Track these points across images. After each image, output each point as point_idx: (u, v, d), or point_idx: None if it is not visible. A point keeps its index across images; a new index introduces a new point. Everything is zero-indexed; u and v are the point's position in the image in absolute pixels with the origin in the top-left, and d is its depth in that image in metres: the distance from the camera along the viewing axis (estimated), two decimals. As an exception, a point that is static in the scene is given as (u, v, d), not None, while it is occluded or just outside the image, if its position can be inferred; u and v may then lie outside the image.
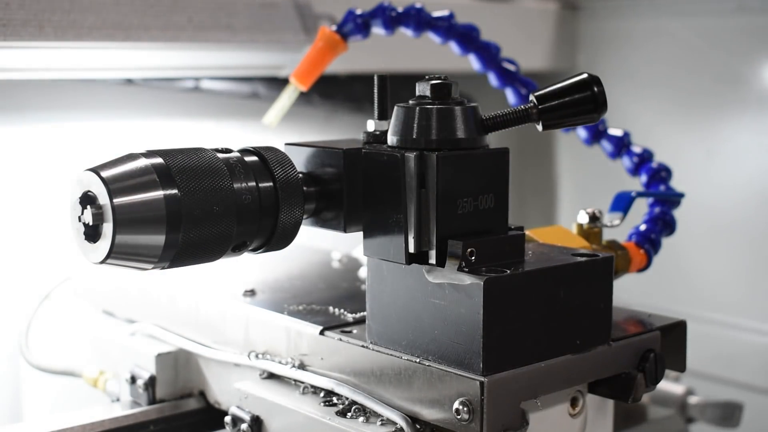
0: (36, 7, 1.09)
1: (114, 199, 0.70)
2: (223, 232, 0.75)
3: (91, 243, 0.71)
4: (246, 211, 0.76)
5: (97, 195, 0.71)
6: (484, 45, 1.04)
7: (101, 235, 0.71)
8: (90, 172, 0.71)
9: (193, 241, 0.73)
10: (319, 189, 0.83)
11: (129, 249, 0.71)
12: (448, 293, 0.73)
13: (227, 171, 0.75)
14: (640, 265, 0.94)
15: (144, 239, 0.71)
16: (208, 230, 0.73)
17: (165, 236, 0.71)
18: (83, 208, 0.71)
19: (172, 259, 0.73)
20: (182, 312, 1.00)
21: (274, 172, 0.78)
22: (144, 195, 0.71)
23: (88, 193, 0.71)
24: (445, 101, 0.76)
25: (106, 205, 0.70)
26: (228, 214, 0.74)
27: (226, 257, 0.78)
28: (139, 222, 0.70)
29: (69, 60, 1.21)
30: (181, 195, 0.71)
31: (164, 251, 0.72)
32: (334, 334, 0.83)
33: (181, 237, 0.72)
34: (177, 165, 0.73)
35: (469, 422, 0.71)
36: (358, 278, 1.06)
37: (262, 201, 0.77)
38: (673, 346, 0.87)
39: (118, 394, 1.05)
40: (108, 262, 0.71)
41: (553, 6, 1.80)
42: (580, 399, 0.81)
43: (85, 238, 0.72)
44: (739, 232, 1.61)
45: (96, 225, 0.70)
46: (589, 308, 0.78)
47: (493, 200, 0.77)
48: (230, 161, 0.76)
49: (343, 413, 0.80)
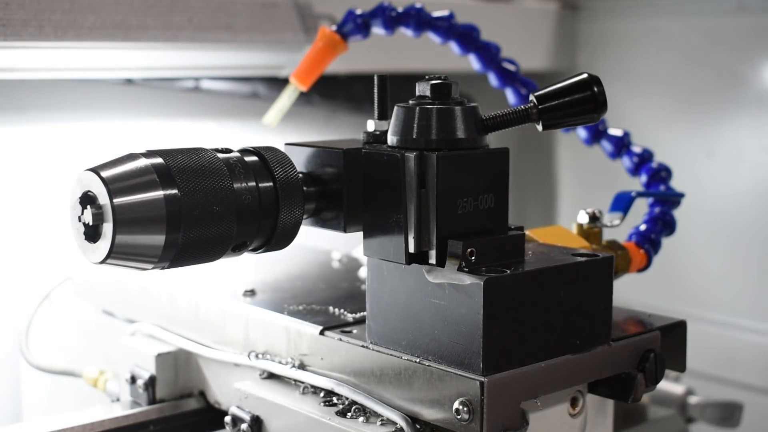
0: (36, 7, 1.09)
1: (114, 199, 0.70)
2: (223, 232, 0.75)
3: (91, 243, 0.71)
4: (246, 211, 0.76)
5: (97, 195, 0.71)
6: (484, 45, 1.04)
7: (101, 235, 0.71)
8: (90, 172, 0.71)
9: (193, 241, 0.73)
10: (319, 189, 0.83)
11: (129, 249, 0.71)
12: (448, 293, 0.73)
13: (227, 171, 0.75)
14: (640, 265, 0.94)
15: (144, 239, 0.71)
16: (208, 230, 0.73)
17: (165, 236, 0.71)
18: (83, 208, 0.71)
19: (172, 259, 0.73)
20: (182, 312, 1.00)
21: (274, 172, 0.78)
22: (144, 195, 0.71)
23: (88, 193, 0.71)
24: (445, 101, 0.76)
25: (106, 205, 0.70)
26: (228, 214, 0.74)
27: (226, 257, 0.78)
28: (139, 222, 0.70)
29: (69, 60, 1.21)
30: (181, 195, 0.71)
31: (164, 251, 0.72)
32: (334, 334, 0.83)
33: (181, 237, 0.72)
34: (177, 165, 0.73)
35: (469, 422, 0.71)
36: (358, 278, 1.06)
37: (262, 201, 0.77)
38: (673, 346, 0.87)
39: (118, 394, 1.05)
40: (108, 262, 0.71)
41: (553, 6, 1.80)
42: (580, 399, 0.81)
43: (85, 238, 0.72)
44: (739, 232, 1.61)
45: (96, 225, 0.71)
46: (589, 308, 0.78)
47: (493, 200, 0.77)
48: (230, 161, 0.76)
49: (343, 413, 0.80)
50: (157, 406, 0.97)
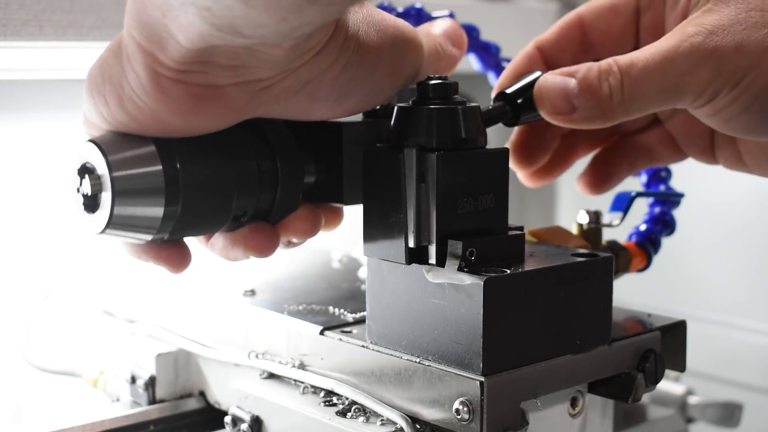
0: (36, 7, 1.09)
1: (112, 168, 0.69)
2: (222, 203, 0.74)
3: (90, 213, 0.71)
4: (246, 183, 0.75)
5: (95, 165, 0.70)
6: (484, 45, 1.04)
7: (100, 204, 0.71)
8: (88, 142, 0.71)
9: (191, 212, 0.73)
10: (318, 161, 0.82)
11: (128, 219, 0.71)
12: (448, 293, 0.73)
13: (226, 143, 0.74)
14: (640, 265, 0.94)
15: (142, 209, 0.71)
16: (206, 202, 0.73)
17: (163, 207, 0.71)
18: (81, 178, 0.71)
19: (172, 230, 0.73)
20: (182, 312, 1.00)
21: (273, 144, 0.77)
22: (142, 164, 0.70)
23: (86, 163, 0.71)
24: (445, 101, 0.76)
25: (105, 175, 0.70)
26: (227, 186, 0.74)
27: (226, 228, 0.77)
28: (137, 191, 0.70)
29: (69, 60, 1.21)
30: (180, 165, 0.71)
31: (163, 222, 0.72)
32: (334, 334, 0.83)
33: (180, 208, 0.72)
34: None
35: (469, 422, 0.71)
36: (358, 278, 1.06)
37: (262, 172, 0.76)
38: (673, 346, 0.87)
39: (118, 394, 1.05)
40: (107, 231, 0.71)
41: (553, 6, 1.80)
42: (580, 399, 0.81)
43: (84, 209, 0.71)
44: (740, 232, 1.61)
45: (95, 195, 0.70)
46: (589, 308, 0.78)
47: (493, 200, 0.77)
48: (229, 133, 0.75)
49: (343, 413, 0.80)
50: (157, 406, 0.97)
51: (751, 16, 0.76)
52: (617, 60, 0.77)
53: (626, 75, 0.76)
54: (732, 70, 0.75)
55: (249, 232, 0.77)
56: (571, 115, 0.78)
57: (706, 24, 0.76)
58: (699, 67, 0.75)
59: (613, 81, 0.76)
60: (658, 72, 0.75)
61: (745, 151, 0.90)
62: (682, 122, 0.93)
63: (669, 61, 0.75)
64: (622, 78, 0.75)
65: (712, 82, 0.75)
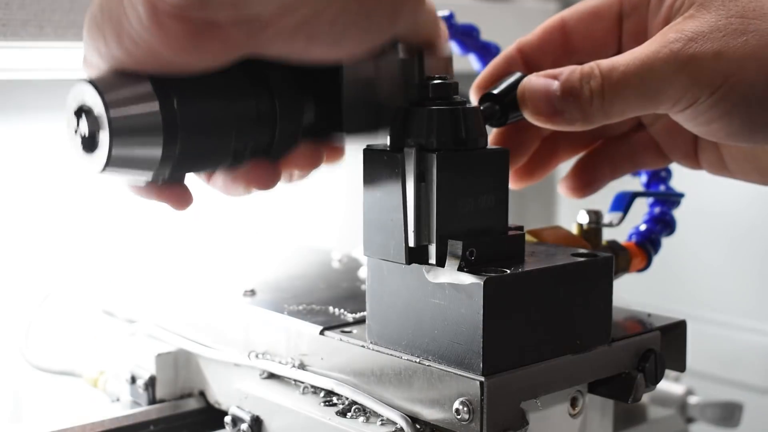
0: (36, 7, 1.09)
1: (109, 107, 0.69)
2: (221, 142, 0.74)
3: (89, 153, 0.71)
4: (244, 121, 0.75)
5: (92, 105, 0.70)
6: (484, 45, 1.04)
7: (98, 144, 0.70)
8: (85, 82, 0.70)
9: (190, 150, 0.72)
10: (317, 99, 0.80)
11: (127, 157, 0.70)
12: (448, 293, 0.73)
13: (225, 82, 0.74)
14: (640, 265, 0.94)
15: (141, 147, 0.70)
16: (205, 140, 0.73)
17: (162, 146, 0.70)
18: (78, 119, 0.71)
19: (172, 169, 0.72)
20: (182, 312, 1.00)
21: (272, 83, 0.77)
22: (139, 102, 0.70)
23: (83, 104, 0.71)
24: (445, 101, 0.76)
25: (102, 115, 0.69)
26: (226, 124, 0.74)
27: (227, 166, 0.77)
28: (135, 129, 0.70)
29: (69, 60, 1.21)
30: (178, 104, 0.71)
31: (162, 161, 0.71)
32: (334, 334, 0.83)
33: (179, 146, 0.71)
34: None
35: (469, 422, 0.71)
36: (358, 278, 1.06)
37: (260, 111, 0.76)
38: (673, 346, 0.87)
39: (118, 394, 1.05)
40: (107, 170, 0.70)
41: (553, 6, 1.80)
42: (580, 399, 0.81)
43: (83, 149, 0.71)
44: (740, 232, 1.61)
45: (93, 134, 0.70)
46: (589, 308, 0.78)
47: (493, 200, 0.77)
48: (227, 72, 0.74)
49: (343, 413, 0.80)
50: (157, 406, 0.97)
51: (731, 22, 0.76)
52: (599, 64, 0.77)
53: (606, 79, 0.76)
54: (710, 77, 0.75)
55: (250, 168, 0.77)
56: (553, 116, 0.78)
57: (687, 30, 0.76)
58: (677, 74, 0.75)
59: (594, 84, 0.76)
60: (637, 77, 0.76)
61: (728, 156, 0.90)
62: (666, 127, 0.93)
63: (648, 67, 0.75)
64: (602, 82, 0.76)
65: (690, 88, 0.75)
